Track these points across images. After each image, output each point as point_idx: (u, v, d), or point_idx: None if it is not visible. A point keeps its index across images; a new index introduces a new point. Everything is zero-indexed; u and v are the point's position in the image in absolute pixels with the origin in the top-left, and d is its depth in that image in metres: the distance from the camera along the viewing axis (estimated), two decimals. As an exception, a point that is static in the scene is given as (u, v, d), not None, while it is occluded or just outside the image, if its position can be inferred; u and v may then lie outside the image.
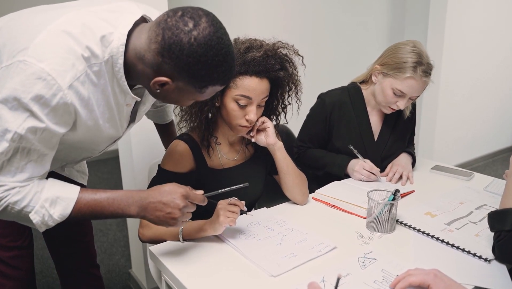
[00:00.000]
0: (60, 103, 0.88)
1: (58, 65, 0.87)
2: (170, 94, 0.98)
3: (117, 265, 2.50)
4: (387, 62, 1.60)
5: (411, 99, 1.60)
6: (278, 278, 1.03)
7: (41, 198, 0.93)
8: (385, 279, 1.02)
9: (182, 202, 0.99)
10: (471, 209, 1.41)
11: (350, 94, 1.74)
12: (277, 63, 1.25)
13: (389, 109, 1.64)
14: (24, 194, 0.92)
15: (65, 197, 0.95)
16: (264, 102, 1.29)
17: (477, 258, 1.11)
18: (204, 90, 0.96)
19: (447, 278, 0.92)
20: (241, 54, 1.21)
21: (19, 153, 0.90)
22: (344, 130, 1.72)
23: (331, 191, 1.53)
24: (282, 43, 1.30)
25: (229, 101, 1.24)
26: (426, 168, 1.84)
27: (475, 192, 1.57)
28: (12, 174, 0.91)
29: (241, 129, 1.29)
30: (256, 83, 1.22)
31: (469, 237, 1.22)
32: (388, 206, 1.24)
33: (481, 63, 3.85)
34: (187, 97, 1.00)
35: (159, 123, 1.64)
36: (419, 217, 1.35)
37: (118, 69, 0.97)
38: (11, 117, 0.86)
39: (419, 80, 1.52)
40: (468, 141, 4.05)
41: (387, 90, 1.59)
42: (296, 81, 1.33)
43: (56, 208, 0.94)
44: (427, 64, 1.53)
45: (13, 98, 0.85)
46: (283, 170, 1.41)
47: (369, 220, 1.29)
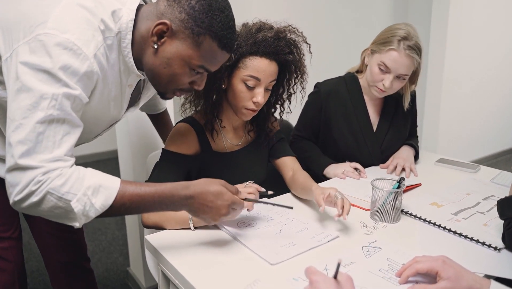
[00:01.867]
0: (88, 71, 0.89)
1: (82, 35, 0.88)
2: (167, 53, 0.96)
3: (115, 264, 2.46)
4: (376, 40, 1.58)
5: (399, 79, 1.54)
6: (277, 266, 0.98)
7: (84, 185, 0.87)
8: (391, 267, 0.97)
9: (226, 210, 0.97)
10: (478, 200, 1.36)
11: (347, 83, 1.70)
12: (286, 46, 1.24)
13: (377, 90, 1.58)
14: (66, 178, 0.85)
15: (108, 186, 0.89)
16: (271, 86, 1.27)
17: (486, 247, 1.06)
18: (201, 41, 0.94)
19: (456, 265, 0.88)
20: (252, 34, 1.21)
21: (54, 124, 0.86)
22: (342, 121, 1.68)
23: (334, 185, 1.48)
24: (292, 28, 1.28)
25: (237, 82, 1.22)
26: (430, 161, 1.79)
27: (482, 183, 1.52)
28: (50, 149, 0.85)
29: (247, 112, 1.26)
30: (266, 64, 1.20)
31: (477, 226, 1.18)
32: (393, 194, 1.19)
33: (485, 58, 3.81)
34: (183, 54, 0.96)
35: (153, 114, 1.61)
36: (425, 207, 1.30)
37: (125, 45, 0.98)
38: (44, 87, 0.84)
39: (402, 53, 1.48)
40: (470, 142, 4.00)
41: (373, 67, 1.56)
42: (302, 68, 1.32)
43: (98, 197, 0.88)
44: (414, 42, 1.49)
45: (43, 70, 0.84)
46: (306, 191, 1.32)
47: (373, 209, 1.24)
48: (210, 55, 0.98)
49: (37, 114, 0.83)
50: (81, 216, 0.88)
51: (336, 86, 1.69)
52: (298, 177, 1.37)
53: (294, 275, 0.94)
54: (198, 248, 1.07)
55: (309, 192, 1.26)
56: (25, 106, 0.83)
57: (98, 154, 3.95)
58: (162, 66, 0.98)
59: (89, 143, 1.30)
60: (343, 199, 1.13)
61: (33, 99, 0.83)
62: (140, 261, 2.11)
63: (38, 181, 0.83)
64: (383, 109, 1.72)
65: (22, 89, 0.84)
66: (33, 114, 0.83)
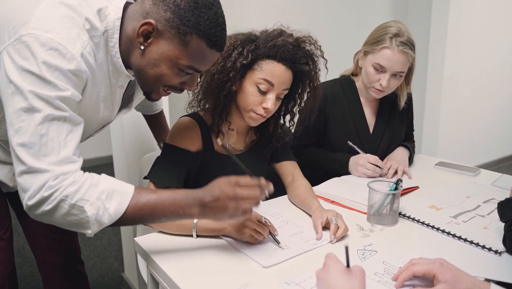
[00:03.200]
0: (76, 70, 0.86)
1: (66, 34, 0.85)
2: (153, 54, 0.92)
3: (110, 269, 2.42)
4: (367, 41, 1.56)
5: (395, 77, 1.51)
6: (269, 270, 0.95)
7: (98, 190, 0.84)
8: (387, 271, 0.94)
9: (229, 189, 0.90)
10: (478, 203, 1.32)
11: (343, 86, 1.68)
12: (304, 56, 1.21)
13: (375, 91, 1.56)
14: (79, 185, 0.83)
15: (122, 191, 0.87)
16: (283, 95, 1.24)
17: (487, 250, 1.03)
18: (188, 40, 0.90)
19: (454, 268, 0.84)
20: (272, 37, 1.18)
21: (55, 123, 0.83)
22: (338, 123, 1.65)
23: (331, 188, 1.45)
24: (313, 40, 1.25)
25: (250, 84, 1.19)
26: (430, 164, 1.76)
27: (482, 186, 1.48)
28: (56, 151, 0.83)
29: (255, 117, 1.22)
30: (282, 70, 1.18)
31: (477, 229, 1.14)
32: (390, 196, 1.16)
33: (485, 60, 3.78)
34: (171, 55, 0.92)
35: (148, 114, 1.58)
36: (423, 210, 1.27)
37: (113, 44, 0.95)
38: (35, 89, 0.81)
39: (395, 50, 1.45)
40: (470, 147, 3.96)
41: (368, 68, 1.53)
42: (316, 83, 1.28)
43: (112, 202, 0.85)
44: (407, 38, 1.47)
45: (30, 73, 0.81)
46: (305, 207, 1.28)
47: (370, 212, 1.20)
48: (199, 55, 0.94)
49: (35, 116, 0.81)
50: (94, 222, 0.85)
51: (332, 88, 1.67)
52: (298, 186, 1.34)
53: (286, 279, 0.91)
54: (188, 250, 1.03)
55: (308, 210, 1.23)
56: (21, 109, 0.81)
57: (94, 159, 3.89)
58: (149, 67, 0.95)
59: (84, 149, 1.27)
60: (337, 224, 1.09)
61: (28, 101, 0.81)
62: (134, 266, 2.07)
63: (50, 187, 0.81)
64: (379, 110, 1.69)
65: (16, 92, 0.82)
66: (31, 116, 0.81)
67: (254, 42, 1.18)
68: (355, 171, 1.56)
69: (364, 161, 1.54)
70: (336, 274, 0.73)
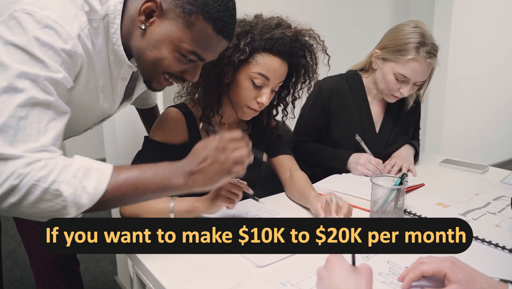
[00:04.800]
0: (71, 52, 0.80)
1: (64, 13, 0.80)
2: (155, 35, 0.85)
3: (103, 272, 2.35)
4: (387, 45, 1.45)
5: (415, 85, 1.46)
6: (264, 270, 0.87)
7: (73, 169, 0.74)
8: (392, 271, 0.86)
9: (215, 142, 0.82)
10: (488, 200, 1.25)
11: (349, 82, 1.59)
12: (301, 49, 1.15)
13: (392, 98, 1.49)
14: (51, 167, 0.73)
15: (99, 168, 0.77)
16: (278, 88, 1.18)
17: (500, 249, 0.95)
18: (193, 22, 0.83)
19: (467, 266, 0.76)
20: (269, 29, 1.11)
21: (38, 108, 0.75)
22: (343, 121, 1.57)
23: (331, 184, 1.38)
24: (314, 33, 1.18)
25: (244, 78, 1.12)
26: (435, 161, 1.68)
27: (491, 184, 1.41)
28: (34, 137, 0.74)
29: (248, 112, 1.17)
30: (278, 64, 1.11)
31: (488, 227, 1.06)
32: (395, 191, 1.08)
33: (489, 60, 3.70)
34: (173, 37, 0.85)
35: (142, 108, 1.51)
36: (430, 207, 1.19)
37: (114, 30, 0.87)
38: (23, 67, 0.74)
39: (423, 62, 1.37)
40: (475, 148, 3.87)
41: (388, 76, 1.44)
42: (312, 75, 1.22)
43: (90, 180, 0.75)
44: (432, 45, 1.39)
45: (21, 50, 0.74)
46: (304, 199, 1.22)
47: (373, 209, 1.13)
48: (204, 39, 0.86)
49: (17, 96, 0.73)
50: (72, 204, 0.74)
51: (338, 84, 1.59)
52: (296, 180, 1.27)
53: (281, 280, 0.83)
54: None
55: (307, 201, 1.16)
56: (2, 88, 0.72)
57: None
58: (149, 49, 0.87)
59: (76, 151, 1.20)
60: (337, 203, 1.03)
61: (12, 80, 0.73)
62: (127, 269, 2.00)
63: (20, 174, 0.71)
64: (387, 109, 1.61)
65: (0, 69, 0.74)
66: (12, 96, 0.73)
67: (250, 34, 1.11)
68: (355, 170, 1.48)
69: (366, 160, 1.46)
70: (340, 272, 0.66)
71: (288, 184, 1.30)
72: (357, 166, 1.47)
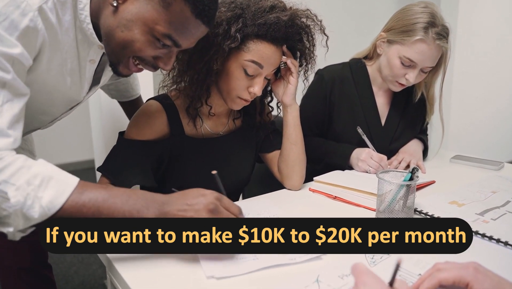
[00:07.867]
0: (30, 26, 0.71)
1: None
2: (127, 14, 0.76)
3: (93, 276, 2.24)
4: (393, 26, 1.33)
5: (423, 72, 1.33)
6: (256, 275, 0.75)
7: (29, 173, 0.65)
8: (404, 278, 0.74)
9: (212, 201, 0.75)
10: (507, 198, 1.13)
11: (352, 70, 1.47)
12: (297, 33, 1.04)
13: (397, 85, 1.36)
14: (5, 163, 0.63)
15: (61, 179, 0.68)
16: (271, 75, 1.08)
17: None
18: (170, 2, 0.74)
19: (493, 274, 0.64)
20: (264, 12, 0.99)
21: None
22: (346, 113, 1.45)
23: (332, 178, 1.26)
24: (311, 14, 1.08)
25: (235, 66, 1.02)
26: (445, 157, 1.56)
27: (509, 181, 1.28)
28: None
29: (239, 102, 1.07)
30: (272, 51, 1.02)
31: (510, 228, 0.94)
32: (404, 188, 0.96)
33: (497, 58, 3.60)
34: (147, 17, 0.76)
35: (124, 101, 1.40)
36: (443, 206, 1.07)
37: (83, 6, 0.79)
38: None
39: (432, 44, 1.24)
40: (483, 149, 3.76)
41: (393, 60, 1.31)
42: (309, 59, 1.12)
43: (47, 191, 0.66)
44: (442, 26, 1.26)
45: None
46: (291, 138, 1.17)
47: (380, 208, 1.01)
48: (180, 22, 0.78)
49: None
50: (19, 214, 0.65)
51: (341, 73, 1.47)
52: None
53: (273, 287, 0.71)
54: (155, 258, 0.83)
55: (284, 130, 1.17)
56: None
57: (74, 163, 3.42)
58: (120, 29, 0.78)
59: (64, 152, 1.09)
60: None
61: None
62: (117, 273, 1.89)
63: None
64: (393, 100, 1.49)
65: None
66: None
67: (241, 18, 0.99)
68: (356, 166, 1.36)
69: (367, 156, 1.33)
70: None
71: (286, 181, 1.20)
72: (358, 162, 1.35)
